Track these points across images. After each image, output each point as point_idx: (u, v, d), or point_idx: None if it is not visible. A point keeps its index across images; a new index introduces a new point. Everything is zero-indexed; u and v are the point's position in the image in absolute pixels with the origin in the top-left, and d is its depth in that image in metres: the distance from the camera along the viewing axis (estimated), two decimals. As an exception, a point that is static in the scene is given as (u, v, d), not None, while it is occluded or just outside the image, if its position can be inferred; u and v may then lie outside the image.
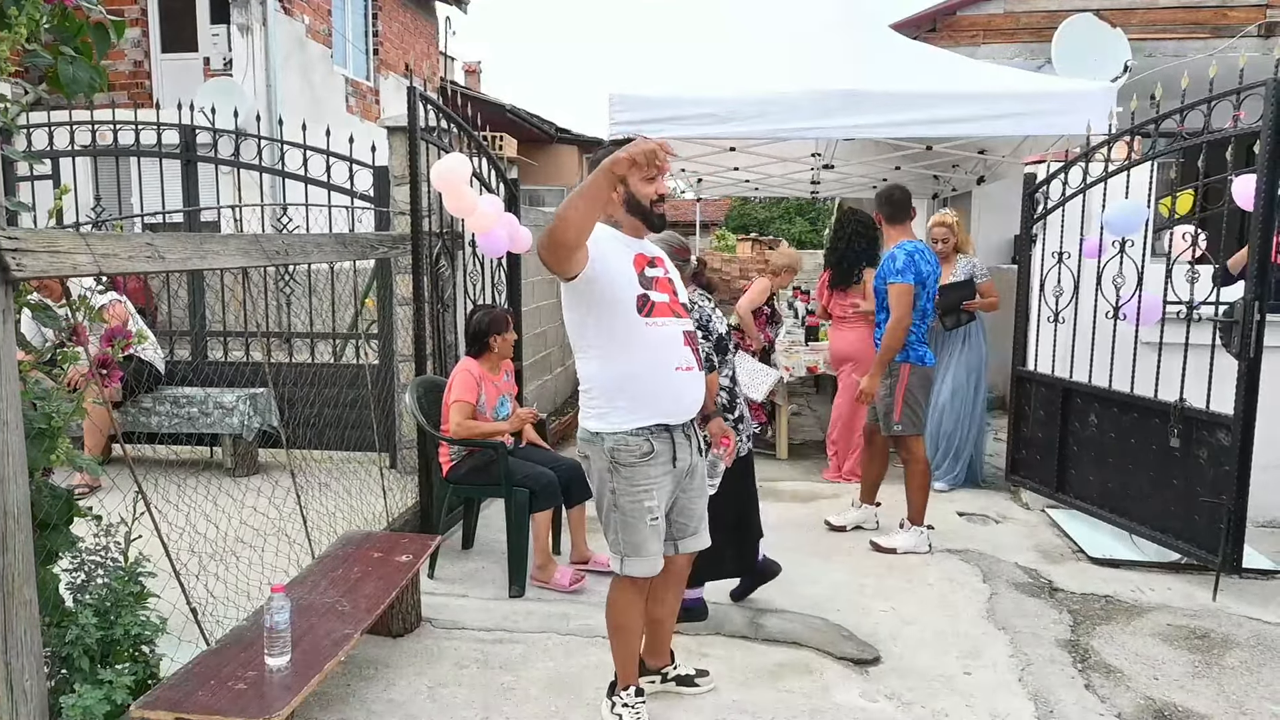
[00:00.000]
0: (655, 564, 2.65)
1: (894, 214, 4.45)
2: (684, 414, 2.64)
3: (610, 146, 2.79)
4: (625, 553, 2.64)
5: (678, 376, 2.59)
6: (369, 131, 5.39)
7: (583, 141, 19.42)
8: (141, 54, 10.77)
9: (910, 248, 4.31)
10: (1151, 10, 7.64)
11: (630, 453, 2.54)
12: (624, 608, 2.74)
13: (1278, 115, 3.66)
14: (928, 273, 4.33)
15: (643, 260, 2.63)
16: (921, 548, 4.35)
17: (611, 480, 2.58)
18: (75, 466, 2.43)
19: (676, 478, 2.67)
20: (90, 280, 3.02)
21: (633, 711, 2.73)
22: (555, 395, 7.73)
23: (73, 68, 2.27)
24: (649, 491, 2.57)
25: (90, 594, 2.50)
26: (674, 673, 3.02)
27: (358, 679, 3.05)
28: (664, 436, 2.59)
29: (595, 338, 2.56)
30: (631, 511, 2.58)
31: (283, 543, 3.73)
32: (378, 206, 5.12)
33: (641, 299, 2.55)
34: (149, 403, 5.32)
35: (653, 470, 2.57)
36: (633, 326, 2.53)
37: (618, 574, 2.69)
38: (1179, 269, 4.09)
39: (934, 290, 4.43)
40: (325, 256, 3.87)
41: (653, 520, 2.60)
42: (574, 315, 2.59)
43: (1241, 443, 3.82)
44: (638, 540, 2.60)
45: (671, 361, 2.58)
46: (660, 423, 2.58)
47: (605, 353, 2.56)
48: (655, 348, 2.56)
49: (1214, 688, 3.08)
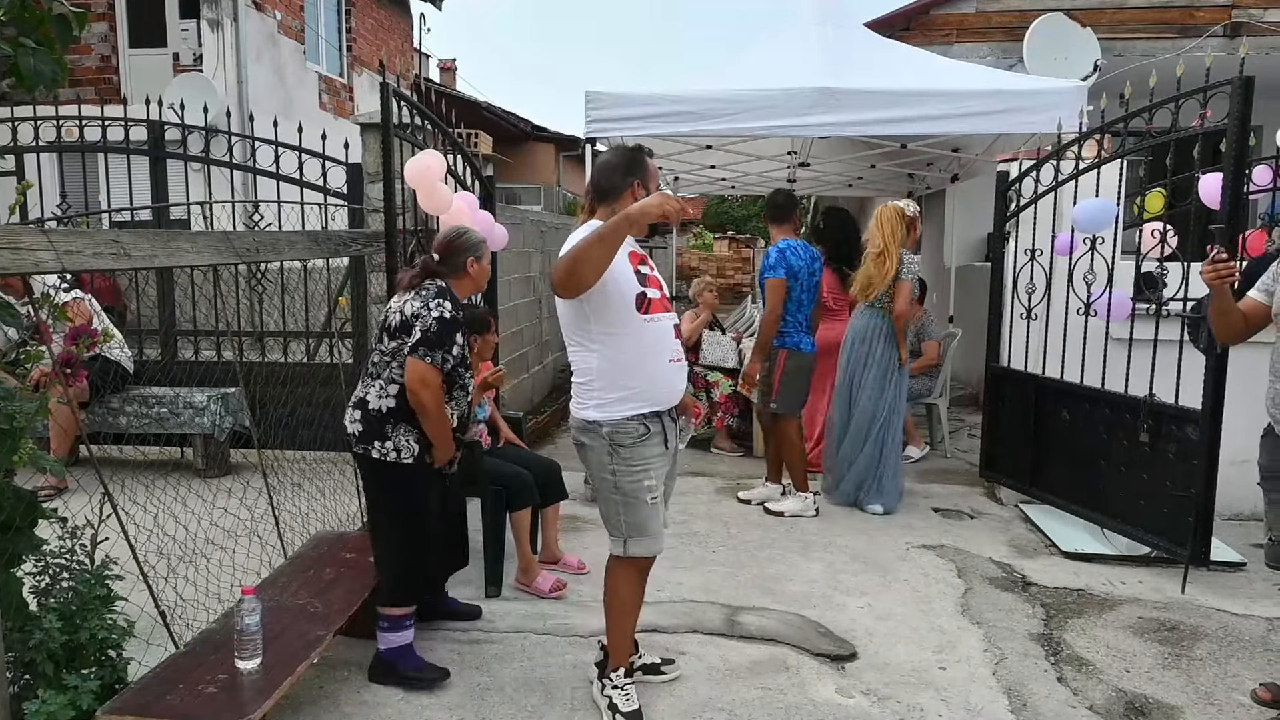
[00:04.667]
0: (658, 543, 2.76)
1: (776, 215, 4.97)
2: (673, 401, 2.77)
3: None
4: (629, 534, 2.72)
5: (670, 368, 2.72)
6: (343, 129, 5.33)
7: (559, 139, 19.36)
8: (109, 49, 10.59)
9: (784, 245, 4.79)
10: (1121, 10, 7.74)
11: (629, 434, 2.66)
12: (627, 588, 2.82)
13: (1243, 113, 3.71)
14: (799, 266, 4.77)
15: (636, 257, 2.73)
16: (808, 511, 4.83)
17: (611, 462, 2.67)
18: (39, 468, 2.38)
19: (668, 460, 2.78)
20: (53, 278, 2.96)
21: (623, 693, 2.80)
22: (532, 394, 7.70)
23: (34, 59, 2.22)
24: (647, 471, 2.68)
25: (55, 597, 2.46)
26: (639, 662, 3.05)
27: (331, 680, 3.02)
28: (656, 421, 2.71)
29: (597, 333, 2.65)
30: (632, 491, 2.68)
31: (254, 544, 3.68)
32: (351, 204, 5.07)
33: (640, 297, 2.65)
34: (117, 403, 5.24)
35: (649, 451, 2.68)
36: (633, 323, 2.64)
37: (620, 555, 2.76)
38: (1148, 265, 4.15)
39: (808, 282, 4.85)
40: (297, 254, 3.83)
41: (652, 499, 2.70)
42: (574, 312, 2.66)
43: (1209, 437, 3.88)
44: (639, 520, 2.70)
45: (666, 354, 2.71)
46: (655, 410, 2.69)
47: (607, 347, 2.65)
48: (653, 342, 2.68)
49: (1183, 679, 3.12)
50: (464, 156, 5.17)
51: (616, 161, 2.78)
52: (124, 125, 5.26)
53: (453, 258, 3.09)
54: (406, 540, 3.00)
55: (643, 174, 2.75)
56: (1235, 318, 2.88)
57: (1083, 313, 4.46)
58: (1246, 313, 2.89)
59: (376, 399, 2.95)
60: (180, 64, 10.66)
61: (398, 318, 2.93)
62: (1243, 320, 2.89)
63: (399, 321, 2.92)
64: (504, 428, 4.27)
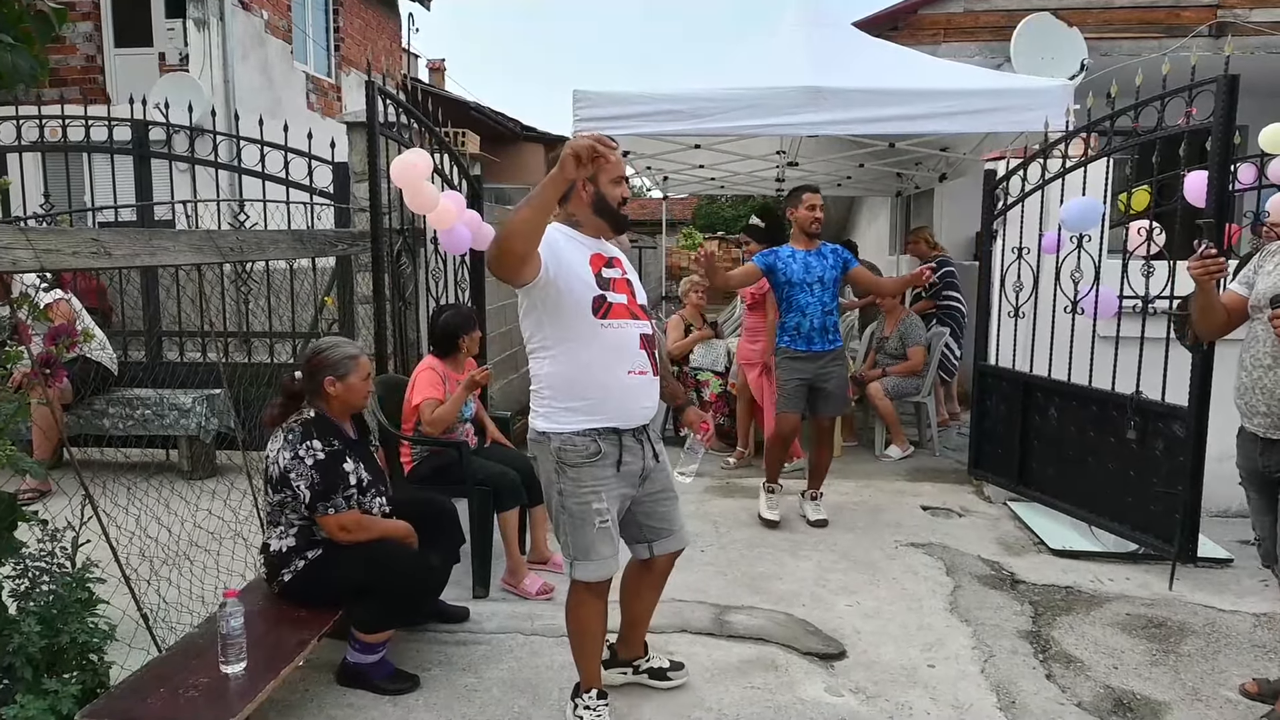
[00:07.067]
0: (607, 567, 2.58)
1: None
2: (634, 419, 2.58)
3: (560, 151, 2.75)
4: (575, 556, 2.57)
5: (630, 380, 2.54)
6: (331, 129, 5.27)
7: (548, 140, 19.33)
8: (94, 48, 10.51)
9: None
10: (1107, 10, 7.77)
11: (577, 453, 2.50)
12: (580, 613, 2.67)
13: (1228, 111, 3.73)
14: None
15: (600, 260, 2.58)
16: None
17: (559, 481, 2.53)
18: (18, 470, 2.35)
19: (628, 481, 2.61)
20: (32, 277, 2.93)
21: (594, 714, 2.68)
22: (519, 394, 7.67)
23: (12, 56, 2.19)
24: (596, 493, 2.52)
25: (35, 601, 2.43)
26: (646, 665, 3.00)
27: (316, 684, 2.99)
28: (612, 439, 2.54)
29: (549, 338, 2.51)
30: (579, 514, 2.53)
31: (239, 546, 3.66)
32: (337, 203, 5.04)
33: (598, 300, 2.50)
34: (101, 404, 5.19)
35: (599, 471, 2.52)
36: (588, 328, 2.48)
37: (571, 578, 2.63)
38: (1135, 263, 4.16)
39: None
40: (282, 253, 3.80)
41: (601, 523, 2.53)
42: (529, 316, 2.54)
43: (1196, 434, 3.89)
44: (585, 543, 2.54)
45: (624, 365, 2.53)
46: (609, 426, 2.53)
47: (558, 353, 2.51)
48: (609, 350, 2.51)
49: (1171, 675, 3.13)
50: (451, 155, 5.15)
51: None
52: (108, 125, 5.21)
53: (310, 379, 2.93)
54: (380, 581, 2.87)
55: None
56: (1218, 313, 2.85)
57: (1070, 310, 4.48)
58: (1228, 306, 2.85)
59: (277, 542, 2.91)
60: (166, 63, 10.59)
61: (275, 470, 2.83)
62: (1225, 315, 2.86)
63: (278, 475, 2.83)
64: (491, 427, 4.25)
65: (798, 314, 4.54)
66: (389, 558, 2.90)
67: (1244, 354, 2.81)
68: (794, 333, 4.57)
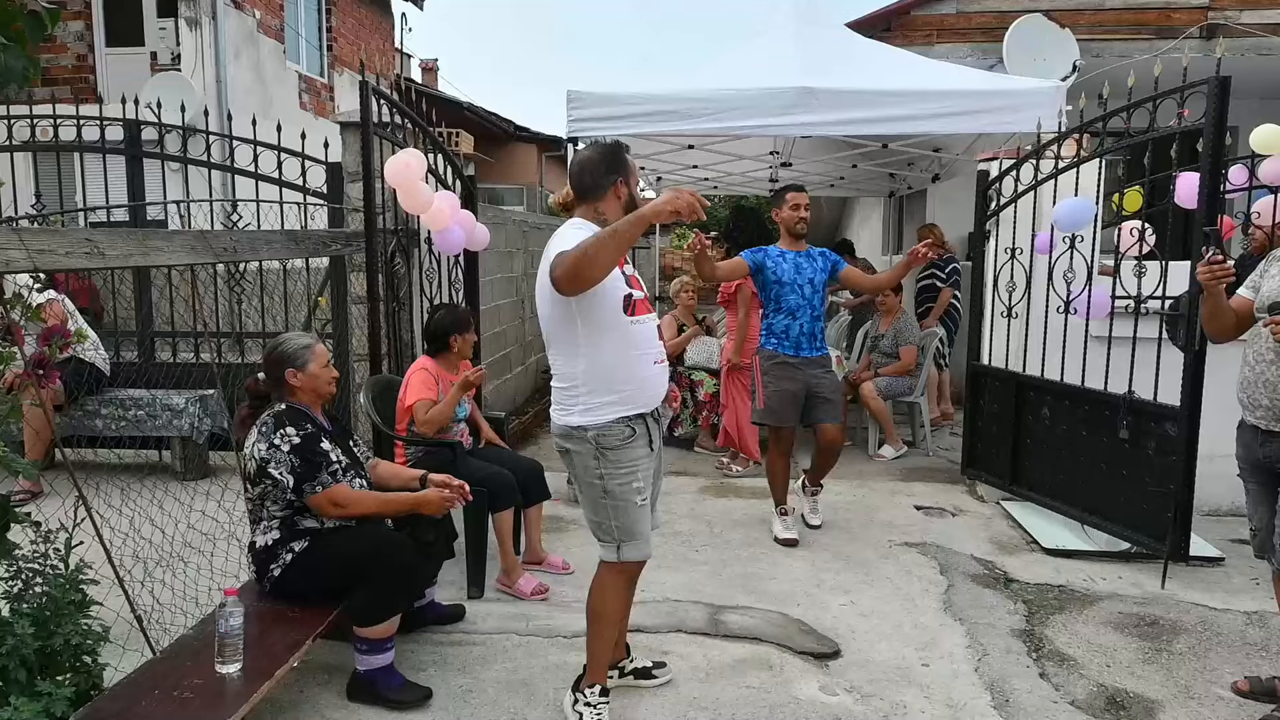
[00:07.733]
0: (648, 546, 2.71)
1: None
2: (655, 402, 2.73)
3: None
4: (621, 539, 2.66)
5: (655, 369, 2.68)
6: (323, 129, 5.27)
7: (542, 140, 19.31)
8: (85, 48, 10.46)
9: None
10: (1099, 12, 7.80)
11: (615, 436, 2.60)
12: (609, 596, 2.74)
13: (1219, 113, 3.75)
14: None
15: (621, 259, 2.64)
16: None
17: (599, 466, 2.61)
18: (11, 471, 2.34)
19: (653, 461, 2.73)
20: (25, 277, 2.91)
21: (594, 711, 2.69)
22: (515, 395, 7.67)
23: (4, 55, 2.18)
24: (633, 473, 2.63)
25: (28, 603, 2.42)
26: (630, 666, 3.02)
27: (312, 684, 2.99)
28: (641, 422, 2.66)
29: (584, 337, 2.58)
30: (621, 494, 2.62)
31: (233, 547, 3.64)
32: (331, 203, 5.03)
33: (627, 298, 2.61)
34: (94, 405, 5.16)
35: (635, 452, 2.63)
36: (621, 326, 2.59)
37: (613, 561, 2.68)
38: (1127, 264, 4.18)
39: None
40: (275, 254, 3.80)
41: (641, 500, 2.65)
42: (560, 314, 2.58)
43: (1188, 433, 3.91)
44: (630, 523, 2.64)
45: (651, 356, 2.66)
46: (639, 412, 2.64)
47: (595, 350, 2.58)
48: (639, 344, 2.63)
49: (1163, 673, 3.14)
50: (444, 155, 5.14)
51: (596, 158, 2.71)
52: (100, 125, 5.19)
53: (270, 373, 2.97)
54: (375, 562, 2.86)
55: (625, 172, 2.72)
56: (1228, 317, 2.89)
57: (1062, 311, 4.49)
58: (1237, 309, 2.90)
59: (262, 537, 2.92)
60: (158, 63, 10.55)
61: (253, 464, 2.85)
62: (1234, 318, 2.90)
63: (255, 468, 2.85)
64: (485, 428, 4.25)
65: (786, 316, 4.38)
66: (377, 535, 2.93)
67: (1247, 350, 2.88)
68: (781, 336, 4.41)
